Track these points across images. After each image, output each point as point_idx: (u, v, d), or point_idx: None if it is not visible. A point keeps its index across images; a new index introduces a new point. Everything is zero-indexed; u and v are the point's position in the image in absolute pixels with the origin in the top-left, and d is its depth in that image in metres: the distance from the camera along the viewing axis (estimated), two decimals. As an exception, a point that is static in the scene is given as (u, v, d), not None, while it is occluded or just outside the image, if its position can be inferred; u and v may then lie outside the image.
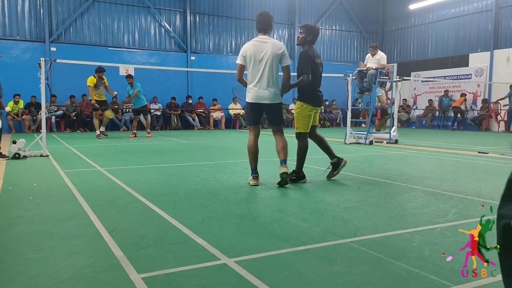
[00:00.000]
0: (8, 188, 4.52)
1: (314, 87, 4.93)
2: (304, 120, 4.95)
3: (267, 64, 4.69)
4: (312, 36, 4.95)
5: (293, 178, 4.91)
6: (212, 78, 17.69)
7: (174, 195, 4.18)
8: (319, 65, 4.94)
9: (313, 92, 4.94)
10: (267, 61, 4.68)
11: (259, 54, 4.68)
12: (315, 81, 4.89)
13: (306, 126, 4.98)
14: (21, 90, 13.70)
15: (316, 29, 5.03)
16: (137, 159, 7.15)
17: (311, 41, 4.96)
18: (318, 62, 4.93)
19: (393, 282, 2.14)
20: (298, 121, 4.99)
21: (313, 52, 4.94)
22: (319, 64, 4.94)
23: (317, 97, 4.99)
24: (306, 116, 4.93)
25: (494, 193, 4.38)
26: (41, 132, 7.50)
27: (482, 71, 17.30)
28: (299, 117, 4.97)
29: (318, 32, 5.07)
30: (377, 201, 4.02)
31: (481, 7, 17.48)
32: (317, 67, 4.90)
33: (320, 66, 4.97)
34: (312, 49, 4.96)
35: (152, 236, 2.86)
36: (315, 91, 4.96)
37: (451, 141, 11.18)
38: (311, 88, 4.89)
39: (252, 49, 4.70)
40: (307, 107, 4.91)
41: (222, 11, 18.15)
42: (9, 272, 2.25)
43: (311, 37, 4.95)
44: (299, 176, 4.97)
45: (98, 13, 15.87)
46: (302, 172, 4.98)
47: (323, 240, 2.80)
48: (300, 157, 5.00)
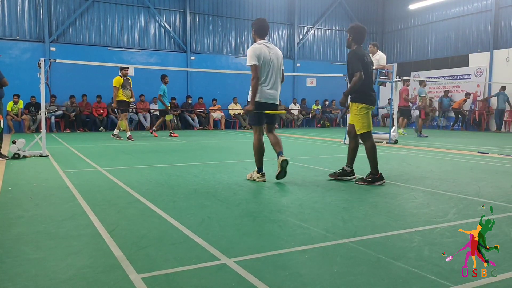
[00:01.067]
0: (7, 188, 4.52)
1: (368, 86, 4.86)
2: (363, 119, 4.86)
3: (275, 67, 4.90)
4: (356, 35, 4.90)
5: (369, 180, 4.79)
6: (211, 78, 17.70)
7: (174, 195, 4.18)
8: (368, 64, 4.86)
9: (367, 91, 4.86)
10: (273, 63, 4.89)
11: (267, 56, 4.85)
12: (367, 79, 4.81)
13: (367, 125, 4.87)
14: (20, 90, 13.70)
15: (359, 28, 4.95)
16: (137, 159, 7.15)
17: (357, 40, 4.91)
18: (368, 60, 4.86)
19: (393, 282, 2.14)
20: (358, 123, 4.88)
21: (362, 51, 4.88)
22: (368, 62, 4.87)
23: (371, 96, 4.90)
24: (364, 116, 4.85)
25: (493, 193, 4.38)
26: (41, 132, 7.50)
27: (482, 71, 17.30)
28: (357, 118, 4.87)
29: (361, 30, 4.94)
30: (376, 201, 4.01)
31: (481, 7, 17.49)
32: (367, 65, 4.84)
33: (370, 65, 4.89)
34: (360, 48, 4.90)
35: (152, 236, 2.86)
36: (369, 90, 4.87)
37: (451, 141, 11.18)
38: (364, 87, 4.80)
39: (262, 51, 4.84)
40: (363, 107, 4.84)
41: (222, 11, 18.15)
42: (9, 273, 2.25)
43: (356, 36, 4.91)
44: (376, 177, 4.79)
45: (98, 13, 15.87)
46: (379, 174, 4.79)
47: (322, 240, 2.80)
48: (372, 157, 4.84)
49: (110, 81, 15.83)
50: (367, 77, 4.79)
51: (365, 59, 4.81)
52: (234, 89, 17.96)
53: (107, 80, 15.89)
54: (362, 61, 4.77)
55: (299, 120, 18.90)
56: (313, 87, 20.26)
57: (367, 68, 4.84)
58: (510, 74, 16.22)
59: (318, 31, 20.53)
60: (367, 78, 4.79)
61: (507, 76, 16.16)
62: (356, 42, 4.92)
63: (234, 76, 18.04)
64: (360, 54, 4.82)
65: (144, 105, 15.90)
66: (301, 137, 12.76)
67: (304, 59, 20.07)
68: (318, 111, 19.40)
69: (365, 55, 4.87)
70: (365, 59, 4.81)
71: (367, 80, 4.80)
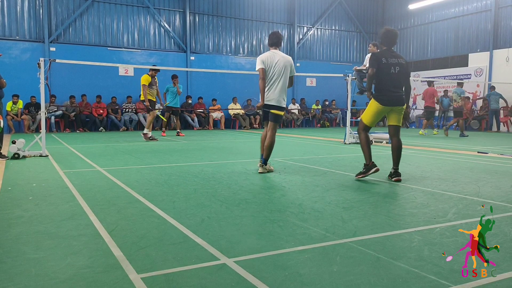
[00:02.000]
0: (7, 188, 4.52)
1: (384, 86, 5.04)
2: (368, 112, 5.18)
3: (280, 73, 5.54)
4: (383, 40, 5.20)
5: (363, 171, 5.09)
6: (211, 78, 17.70)
7: (174, 195, 4.18)
8: (390, 65, 5.03)
9: (381, 91, 5.05)
10: (278, 70, 5.54)
11: (273, 62, 5.54)
12: (384, 80, 5.02)
13: (368, 119, 5.18)
14: (20, 90, 13.71)
15: (382, 32, 5.23)
16: (136, 159, 7.15)
17: (382, 43, 5.24)
18: (391, 61, 5.04)
19: (393, 282, 2.14)
20: (365, 112, 5.27)
21: (383, 53, 5.11)
22: (391, 63, 5.03)
23: (387, 96, 5.04)
24: (371, 110, 5.13)
25: (493, 193, 4.38)
26: (41, 132, 7.50)
27: (482, 71, 17.31)
28: (367, 108, 5.23)
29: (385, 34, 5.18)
30: (376, 201, 4.02)
31: (481, 7, 17.50)
32: (388, 66, 5.02)
33: (392, 66, 5.03)
34: (383, 51, 5.16)
35: (152, 236, 2.86)
36: (384, 90, 5.04)
37: (451, 141, 11.18)
38: (380, 87, 5.06)
39: (268, 58, 5.56)
40: (373, 103, 5.12)
41: (222, 11, 18.15)
42: (9, 273, 2.25)
43: (382, 41, 5.23)
44: (368, 166, 5.08)
45: (98, 13, 15.87)
46: (371, 162, 5.08)
47: (322, 240, 2.80)
48: (362, 149, 5.21)
49: (110, 81, 15.98)
50: (383, 77, 5.03)
51: (384, 60, 5.02)
52: (233, 89, 17.96)
53: (107, 80, 15.96)
54: (380, 61, 5.03)
55: (298, 120, 18.90)
56: (313, 87, 20.27)
57: (387, 69, 5.02)
58: (510, 74, 16.23)
59: (318, 31, 20.53)
60: (384, 78, 5.03)
61: (506, 76, 16.17)
62: (382, 45, 5.27)
63: (234, 76, 18.05)
64: (379, 55, 5.10)
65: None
66: (301, 137, 12.76)
67: (304, 59, 20.07)
68: (318, 111, 19.40)
69: (386, 56, 5.06)
70: (384, 60, 5.02)
71: (384, 80, 5.03)
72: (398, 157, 5.16)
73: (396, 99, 5.03)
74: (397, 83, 5.05)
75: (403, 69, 5.08)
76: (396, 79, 5.04)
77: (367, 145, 5.15)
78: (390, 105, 5.03)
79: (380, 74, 5.01)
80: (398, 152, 5.16)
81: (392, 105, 5.04)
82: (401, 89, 5.10)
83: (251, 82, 17.75)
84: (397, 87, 5.05)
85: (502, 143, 10.86)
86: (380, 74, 5.01)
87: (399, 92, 5.06)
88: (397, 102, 5.04)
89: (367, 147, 5.14)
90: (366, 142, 5.17)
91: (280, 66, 5.52)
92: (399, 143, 5.19)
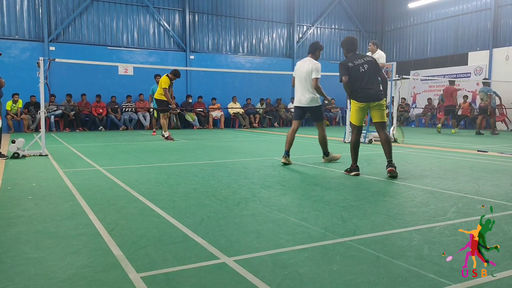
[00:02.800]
0: (7, 187, 4.52)
1: (357, 86, 5.36)
2: (352, 113, 5.54)
3: (301, 77, 6.45)
4: (345, 48, 5.65)
5: (347, 169, 5.44)
6: (211, 77, 17.69)
7: (173, 195, 4.18)
8: (358, 66, 5.38)
9: (356, 91, 5.37)
10: (299, 74, 6.49)
11: (297, 69, 6.58)
12: (357, 80, 5.36)
13: (354, 118, 5.49)
14: (20, 90, 13.70)
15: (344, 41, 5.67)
16: (136, 158, 7.15)
17: (347, 51, 5.62)
18: (357, 63, 5.40)
19: (393, 281, 2.14)
20: (351, 115, 5.62)
21: (349, 58, 5.49)
22: (358, 64, 5.39)
23: (362, 94, 5.34)
24: (353, 110, 5.48)
25: (493, 191, 4.38)
26: (40, 132, 7.49)
27: (481, 70, 17.30)
28: (351, 111, 5.58)
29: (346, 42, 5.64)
30: (376, 200, 4.02)
31: (480, 5, 17.48)
32: (356, 68, 5.37)
33: (360, 66, 5.37)
34: (348, 57, 5.54)
35: (151, 236, 2.86)
36: (358, 89, 5.36)
37: (450, 140, 11.18)
38: (354, 88, 5.39)
39: (298, 65, 6.64)
40: (353, 104, 5.49)
41: (221, 10, 18.13)
42: (8, 272, 2.25)
43: (345, 49, 5.66)
44: (350, 169, 5.42)
45: (97, 12, 15.85)
46: (354, 165, 5.41)
47: (322, 239, 2.80)
48: (350, 151, 5.51)
49: (109, 81, 15.97)
50: (353, 78, 5.37)
51: (349, 64, 5.39)
52: (233, 88, 17.95)
53: (107, 80, 15.95)
54: (347, 68, 5.40)
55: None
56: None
57: (355, 71, 5.37)
58: (510, 72, 16.21)
59: (318, 30, 20.52)
60: (353, 79, 5.37)
61: (506, 75, 16.15)
62: (347, 52, 5.64)
63: (233, 75, 18.05)
64: (344, 62, 5.47)
65: (143, 104, 15.90)
66: (301, 136, 12.75)
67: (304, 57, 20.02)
68: (318, 110, 19.37)
69: (351, 60, 5.44)
70: (349, 64, 5.39)
71: (354, 81, 5.37)
72: (388, 149, 5.34)
73: (371, 95, 5.32)
74: (369, 80, 5.36)
75: (371, 65, 5.41)
76: (367, 76, 5.35)
77: (355, 148, 5.46)
78: (367, 101, 5.34)
79: (351, 77, 5.35)
80: (387, 145, 5.35)
81: (368, 101, 5.34)
82: (375, 85, 5.38)
83: (251, 81, 17.75)
84: (370, 84, 5.35)
85: (501, 142, 10.86)
86: (351, 77, 5.35)
87: (373, 88, 5.34)
88: (372, 98, 5.33)
89: (353, 149, 5.46)
90: (354, 144, 5.49)
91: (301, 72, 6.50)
92: (387, 137, 5.42)
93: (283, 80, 18.68)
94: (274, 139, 11.34)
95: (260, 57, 19.01)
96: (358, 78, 5.35)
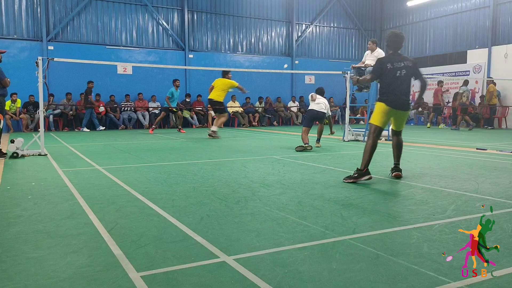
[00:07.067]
0: (6, 187, 4.52)
1: (390, 90, 4.99)
2: (376, 113, 5.05)
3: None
4: (387, 43, 5.23)
5: (355, 176, 4.83)
6: (210, 76, 17.62)
7: (173, 194, 4.18)
8: (396, 69, 4.99)
9: (388, 94, 5.01)
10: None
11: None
12: (391, 83, 4.98)
13: (378, 119, 5.01)
14: (18, 89, 13.67)
15: (388, 36, 5.22)
16: (135, 157, 7.14)
17: (388, 47, 5.25)
18: (396, 66, 5.01)
19: (392, 279, 2.14)
20: (372, 115, 5.15)
21: (389, 58, 5.12)
22: (396, 68, 5.00)
23: (393, 99, 4.99)
24: (379, 111, 5.02)
25: (492, 189, 4.39)
26: (39, 131, 7.49)
27: (480, 68, 17.30)
28: (374, 111, 5.13)
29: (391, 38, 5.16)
30: (375, 198, 4.02)
31: (479, 3, 17.48)
32: (393, 71, 4.99)
33: (398, 70, 4.99)
34: (389, 55, 5.18)
35: (151, 235, 2.86)
36: (390, 93, 4.99)
37: (449, 138, 11.19)
38: (386, 90, 5.03)
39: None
40: (380, 105, 5.04)
41: (220, 9, 18.11)
42: (8, 272, 2.25)
43: (386, 44, 5.26)
44: (361, 173, 4.84)
45: (96, 11, 15.83)
46: (366, 169, 4.87)
47: (322, 237, 2.80)
48: (364, 154, 4.97)
49: (108, 80, 15.95)
50: (388, 81, 4.99)
51: (388, 66, 5.00)
52: (232, 87, 17.91)
53: (106, 79, 15.92)
54: (384, 68, 5.01)
55: (298, 117, 18.89)
56: (311, 85, 20.23)
57: (392, 73, 4.99)
58: (508, 70, 16.22)
59: (317, 28, 20.50)
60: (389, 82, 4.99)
61: (505, 72, 16.16)
62: (389, 48, 5.25)
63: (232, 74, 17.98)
64: (383, 61, 5.12)
65: (142, 103, 15.88)
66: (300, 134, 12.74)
67: (303, 56, 20.05)
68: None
69: (391, 61, 5.04)
70: (388, 66, 5.00)
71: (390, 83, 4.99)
72: (398, 153, 5.22)
73: (401, 104, 5.00)
74: (403, 88, 5.01)
75: (410, 71, 5.05)
76: (402, 82, 5.01)
77: (371, 151, 4.94)
78: (396, 108, 4.99)
79: (386, 78, 5.00)
80: (397, 148, 5.23)
81: (397, 108, 5.00)
82: (407, 95, 5.08)
83: (250, 80, 17.73)
84: (403, 93, 5.01)
85: (500, 139, 10.87)
86: (386, 78, 5.01)
87: (405, 97, 5.04)
88: (402, 107, 5.01)
89: (369, 153, 4.93)
90: (371, 148, 4.95)
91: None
92: (399, 141, 5.24)
93: (282, 78, 18.68)
94: (273, 138, 11.34)
95: (259, 56, 18.99)
96: (392, 82, 4.99)
